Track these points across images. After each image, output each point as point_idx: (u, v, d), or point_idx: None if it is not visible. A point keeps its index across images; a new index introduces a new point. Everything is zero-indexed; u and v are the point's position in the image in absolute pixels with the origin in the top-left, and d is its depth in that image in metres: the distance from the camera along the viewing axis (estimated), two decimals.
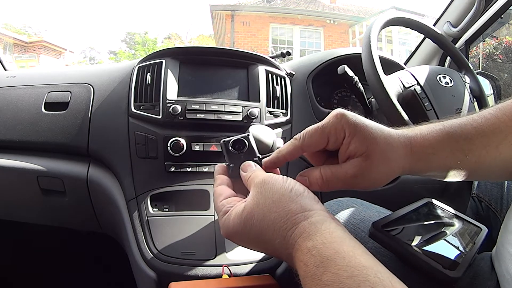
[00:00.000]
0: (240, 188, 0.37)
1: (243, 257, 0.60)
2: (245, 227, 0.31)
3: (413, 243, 0.39)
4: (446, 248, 0.40)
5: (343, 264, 0.24)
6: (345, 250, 0.25)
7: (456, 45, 1.03)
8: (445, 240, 0.42)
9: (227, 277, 0.55)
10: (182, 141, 0.70)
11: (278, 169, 0.40)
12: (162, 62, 0.75)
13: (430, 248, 0.38)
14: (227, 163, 0.39)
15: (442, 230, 0.45)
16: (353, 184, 0.35)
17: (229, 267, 0.57)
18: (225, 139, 0.39)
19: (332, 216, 0.30)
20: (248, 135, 0.40)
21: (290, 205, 0.29)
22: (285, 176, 0.32)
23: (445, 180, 0.40)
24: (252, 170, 0.36)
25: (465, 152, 0.36)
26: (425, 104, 0.69)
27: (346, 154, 0.35)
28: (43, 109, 0.77)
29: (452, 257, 0.38)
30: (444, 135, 0.37)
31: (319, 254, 0.25)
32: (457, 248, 0.41)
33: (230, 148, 0.39)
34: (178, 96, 0.74)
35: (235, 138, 0.39)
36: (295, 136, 0.37)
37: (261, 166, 0.38)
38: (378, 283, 0.23)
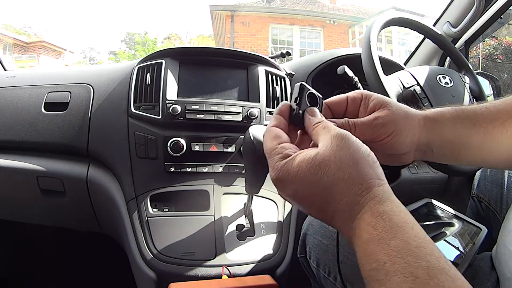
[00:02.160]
0: (293, 137, 0.35)
1: (243, 257, 0.60)
2: (315, 174, 0.29)
3: None
4: (446, 248, 0.40)
5: (411, 234, 0.25)
6: (412, 221, 0.26)
7: (456, 46, 1.03)
8: (445, 240, 0.42)
9: (227, 277, 0.55)
10: (182, 141, 0.70)
11: None
12: (162, 62, 0.75)
13: None
14: (295, 105, 0.35)
15: (442, 230, 0.45)
16: (378, 130, 0.37)
17: (229, 267, 0.57)
18: (305, 84, 0.37)
19: None
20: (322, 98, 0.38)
21: (368, 169, 0.29)
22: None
23: (458, 158, 0.42)
24: (322, 119, 0.34)
25: (473, 122, 0.39)
26: (425, 104, 0.69)
27: (367, 111, 0.39)
28: (43, 110, 0.77)
29: (452, 257, 0.38)
30: (451, 109, 0.41)
31: (389, 220, 0.26)
32: (457, 248, 0.41)
33: (306, 96, 0.36)
34: (178, 96, 0.74)
35: (314, 92, 0.37)
36: None
37: None
38: (443, 257, 0.24)
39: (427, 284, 0.22)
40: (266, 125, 0.53)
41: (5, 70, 1.03)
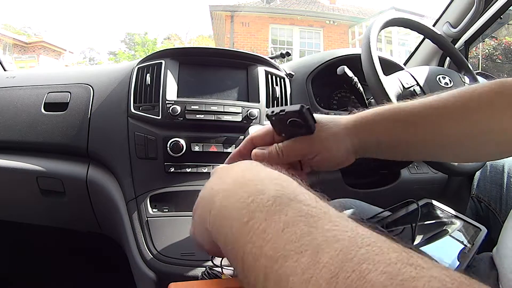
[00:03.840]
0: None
1: None
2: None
3: (412, 244, 0.39)
4: (445, 248, 0.40)
5: None
6: None
7: (455, 46, 1.03)
8: (444, 240, 0.42)
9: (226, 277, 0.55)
10: (182, 141, 0.70)
11: None
12: (161, 62, 0.75)
13: (429, 248, 0.38)
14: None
15: (442, 230, 0.45)
16: (308, 149, 0.39)
17: (228, 267, 0.57)
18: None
19: None
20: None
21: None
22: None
23: (399, 157, 0.42)
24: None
25: (408, 123, 0.39)
26: None
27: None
28: (42, 110, 0.77)
29: (451, 258, 0.38)
30: (385, 107, 0.41)
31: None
32: (456, 248, 0.41)
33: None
34: (177, 96, 0.74)
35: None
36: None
37: None
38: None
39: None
40: (265, 125, 0.53)
41: (5, 70, 1.03)
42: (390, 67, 0.88)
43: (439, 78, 0.73)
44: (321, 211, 0.21)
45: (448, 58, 1.04)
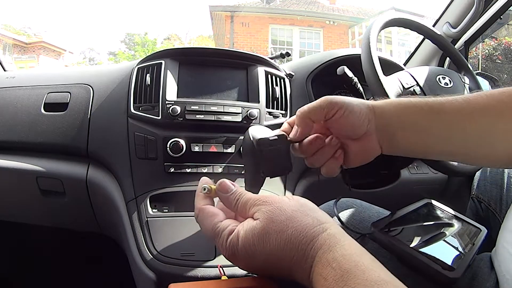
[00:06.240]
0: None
1: None
2: (259, 244, 0.29)
3: (413, 244, 0.39)
4: (446, 248, 0.40)
5: (362, 278, 0.24)
6: (365, 263, 0.25)
7: (455, 46, 1.03)
8: (444, 240, 0.42)
9: (226, 278, 0.55)
10: (182, 142, 0.70)
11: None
12: (161, 63, 0.75)
13: (429, 248, 0.38)
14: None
15: (442, 231, 0.45)
16: (328, 106, 0.39)
17: (229, 268, 0.57)
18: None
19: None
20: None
21: (306, 219, 0.29)
22: (287, 195, 0.33)
23: (426, 148, 0.41)
24: (233, 190, 0.34)
25: (435, 110, 0.39)
26: None
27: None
28: (42, 110, 0.77)
29: (451, 258, 0.38)
30: (409, 98, 0.41)
31: (339, 267, 0.25)
32: (456, 248, 0.41)
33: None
34: (177, 97, 0.74)
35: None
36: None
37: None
38: None
39: None
40: (266, 126, 0.53)
41: (4, 70, 1.03)
42: (390, 67, 0.88)
43: (439, 78, 0.73)
44: None
45: (448, 58, 1.05)
